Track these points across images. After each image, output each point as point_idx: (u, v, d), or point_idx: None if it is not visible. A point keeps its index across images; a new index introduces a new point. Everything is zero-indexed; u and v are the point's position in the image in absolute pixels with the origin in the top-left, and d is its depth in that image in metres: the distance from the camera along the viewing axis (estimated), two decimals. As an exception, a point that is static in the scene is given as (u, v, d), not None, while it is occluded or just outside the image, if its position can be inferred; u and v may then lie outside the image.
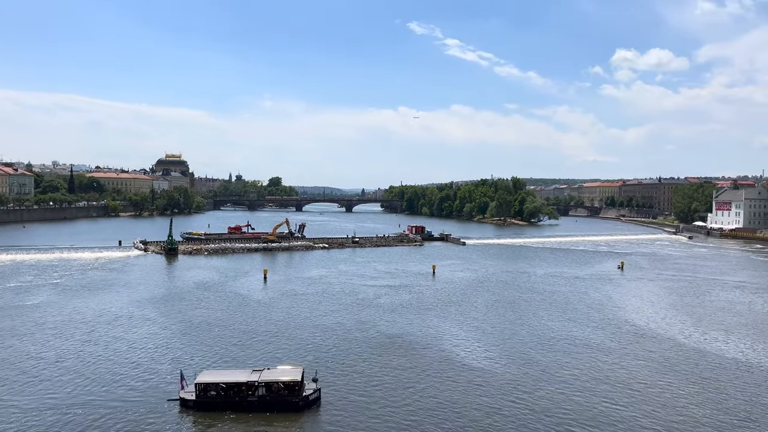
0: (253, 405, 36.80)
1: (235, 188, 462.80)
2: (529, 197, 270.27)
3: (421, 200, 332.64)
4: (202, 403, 36.83)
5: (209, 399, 37.01)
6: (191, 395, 37.21)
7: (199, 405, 36.79)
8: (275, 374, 38.38)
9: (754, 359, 49.36)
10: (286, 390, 37.26)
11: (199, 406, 36.77)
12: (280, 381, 37.52)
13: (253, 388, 37.18)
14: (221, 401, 37.02)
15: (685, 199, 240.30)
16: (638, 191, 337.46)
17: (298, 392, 37.13)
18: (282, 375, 38.27)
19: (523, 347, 51.88)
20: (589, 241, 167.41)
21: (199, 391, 37.03)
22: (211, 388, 37.21)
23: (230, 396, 37.16)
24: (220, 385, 37.39)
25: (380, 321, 61.17)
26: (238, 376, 38.43)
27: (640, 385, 42.43)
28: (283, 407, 36.74)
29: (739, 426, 35.39)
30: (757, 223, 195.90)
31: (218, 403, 36.94)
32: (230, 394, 37.24)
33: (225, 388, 37.38)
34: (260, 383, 37.23)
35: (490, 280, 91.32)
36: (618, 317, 64.97)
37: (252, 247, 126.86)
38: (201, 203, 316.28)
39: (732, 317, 66.00)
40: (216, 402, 36.99)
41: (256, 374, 38.22)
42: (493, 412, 36.84)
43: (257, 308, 66.93)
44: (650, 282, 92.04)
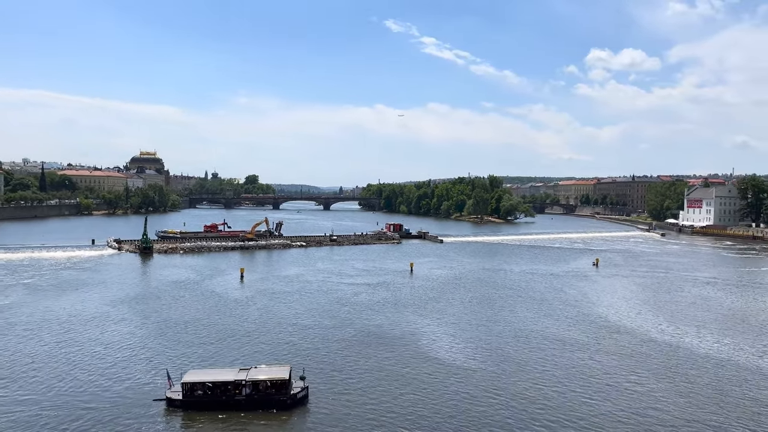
0: (241, 404, 36.68)
1: (211, 186, 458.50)
2: (506, 195, 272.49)
3: (399, 198, 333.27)
4: (189, 402, 36.58)
5: (196, 398, 36.78)
6: (178, 395, 36.97)
7: (186, 404, 36.55)
8: (262, 373, 38.28)
9: (724, 354, 50.54)
10: (273, 388, 37.22)
11: (186, 405, 36.52)
12: (267, 380, 37.46)
13: (240, 386, 37.07)
14: (208, 400, 36.83)
15: (658, 196, 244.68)
16: (612, 189, 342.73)
17: (286, 390, 37.13)
18: (269, 374, 38.19)
19: (500, 343, 52.41)
20: (564, 238, 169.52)
21: (186, 390, 36.77)
22: (198, 388, 36.98)
23: (217, 395, 36.99)
24: (207, 385, 37.19)
25: (359, 319, 61.24)
26: (225, 375, 38.23)
27: (613, 379, 43.19)
28: (271, 405, 36.70)
29: (709, 419, 36.23)
30: (727, 220, 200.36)
31: (205, 403, 36.75)
32: (217, 393, 37.07)
33: (212, 387, 37.19)
34: (247, 382, 37.13)
35: (467, 277, 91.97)
36: (592, 313, 65.97)
37: (228, 246, 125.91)
38: (176, 201, 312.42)
39: (703, 313, 67.47)
40: (203, 401, 36.79)
41: (244, 373, 38.08)
42: (472, 407, 37.17)
43: (235, 307, 66.47)
44: (624, 278, 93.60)
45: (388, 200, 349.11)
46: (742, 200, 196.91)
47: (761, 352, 50.89)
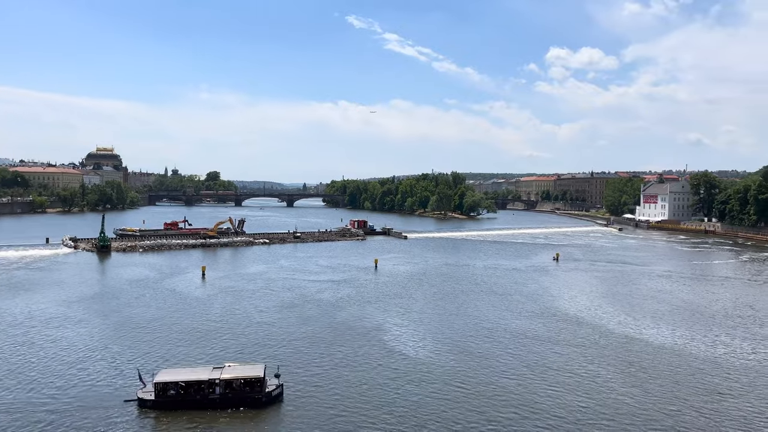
0: (215, 403, 36.32)
1: (171, 183, 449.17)
2: (469, 191, 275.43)
3: (363, 195, 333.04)
4: (161, 402, 36.02)
5: (169, 398, 36.24)
6: (150, 395, 36.34)
7: (159, 404, 35.98)
8: (236, 371, 37.96)
9: (678, 344, 52.25)
10: (247, 387, 36.99)
11: (159, 405, 35.95)
12: (241, 378, 37.16)
13: (213, 385, 36.67)
14: (182, 400, 36.32)
15: (616, 192, 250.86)
16: (572, 185, 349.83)
17: (261, 389, 36.91)
18: (243, 372, 37.91)
19: (463, 337, 53.01)
20: (526, 233, 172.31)
21: (159, 390, 36.17)
22: (171, 387, 36.44)
23: (191, 394, 36.53)
24: (180, 384, 36.68)
25: (325, 316, 61.06)
26: (198, 374, 37.73)
27: (572, 370, 44.18)
28: (245, 404, 36.47)
29: (665, 407, 37.42)
30: (680, 215, 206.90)
31: (179, 402, 36.23)
32: (191, 392, 36.61)
33: (185, 386, 36.69)
34: (221, 381, 36.75)
35: (431, 272, 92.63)
36: (553, 307, 67.29)
37: (190, 244, 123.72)
38: (135, 198, 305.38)
39: (658, 305, 69.56)
40: (176, 401, 36.27)
41: (217, 372, 37.69)
42: (437, 401, 37.55)
43: (197, 306, 65.41)
44: (583, 272, 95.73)
45: (353, 197, 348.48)
46: (695, 196, 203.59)
47: (713, 342, 52.80)
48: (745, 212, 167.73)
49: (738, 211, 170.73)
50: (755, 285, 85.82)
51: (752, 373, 44.53)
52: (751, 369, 45.44)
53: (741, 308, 68.13)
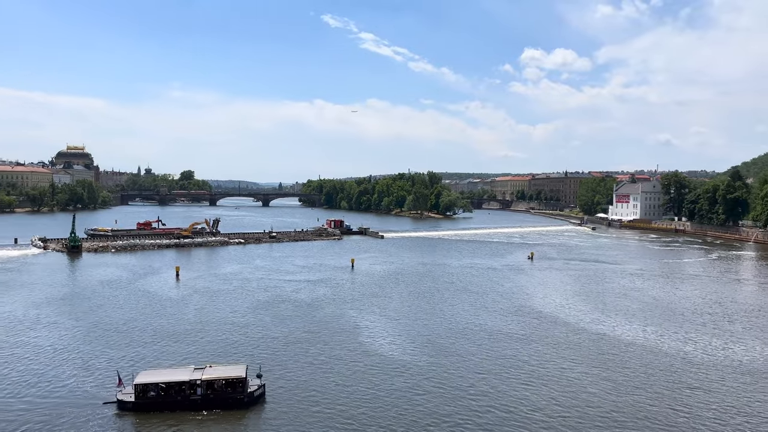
0: (197, 404, 35.94)
1: (144, 182, 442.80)
2: (445, 191, 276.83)
3: (340, 194, 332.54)
4: (141, 404, 35.51)
5: (149, 400, 35.77)
6: (130, 396, 35.81)
7: (139, 406, 35.46)
8: (218, 372, 37.61)
9: (650, 341, 53.16)
10: (229, 387, 36.69)
11: (139, 407, 35.44)
12: (222, 378, 36.85)
13: (195, 386, 36.28)
14: (162, 401, 35.85)
15: (589, 192, 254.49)
16: (546, 185, 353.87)
17: (243, 389, 36.64)
18: (225, 372, 37.58)
19: (439, 336, 53.20)
20: (501, 233, 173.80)
21: (139, 392, 35.68)
22: (151, 389, 35.96)
23: (171, 395, 36.09)
24: (161, 385, 36.21)
25: (301, 316, 60.75)
26: (179, 375, 37.27)
27: (546, 367, 44.67)
28: (227, 405, 36.20)
29: (636, 401, 38.05)
30: (652, 214, 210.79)
31: (159, 404, 35.75)
32: (171, 393, 36.16)
33: (165, 387, 36.23)
34: (203, 381, 36.37)
35: (408, 272, 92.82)
36: (528, 305, 67.95)
37: (163, 244, 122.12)
38: (107, 198, 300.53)
39: (631, 303, 70.72)
40: (157, 402, 35.79)
41: (199, 372, 37.29)
42: (415, 398, 37.63)
43: (170, 307, 64.51)
44: (558, 271, 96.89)
45: (329, 196, 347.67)
46: (666, 195, 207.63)
47: (684, 338, 53.86)
48: (714, 212, 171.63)
49: (707, 211, 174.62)
50: (724, 283, 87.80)
51: (721, 368, 45.51)
52: (720, 364, 46.44)
53: (710, 305, 69.63)
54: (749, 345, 52.16)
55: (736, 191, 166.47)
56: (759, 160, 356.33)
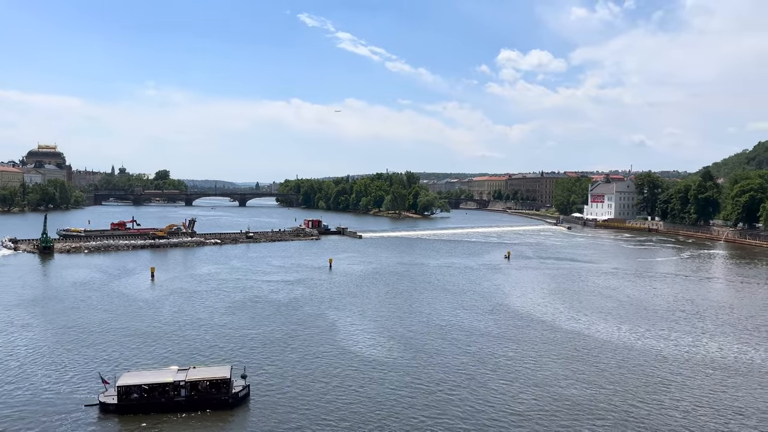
0: (181, 405, 35.64)
1: (118, 182, 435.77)
2: (423, 191, 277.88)
3: (318, 194, 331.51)
4: (124, 406, 35.11)
5: (133, 402, 35.39)
6: (112, 399, 35.36)
7: (122, 408, 35.05)
8: (202, 373, 37.39)
9: (624, 337, 54.01)
10: (213, 388, 36.48)
11: (122, 409, 35.03)
12: (206, 379, 36.64)
13: (179, 388, 36.00)
14: (146, 403, 35.48)
15: (565, 192, 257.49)
16: (523, 185, 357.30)
17: (227, 390, 36.46)
18: (209, 373, 37.40)
19: (417, 335, 53.38)
20: (479, 232, 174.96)
21: (121, 394, 35.27)
22: (134, 391, 35.60)
23: (155, 397, 35.74)
24: (144, 387, 35.85)
25: (278, 316, 60.43)
26: (162, 377, 36.92)
27: (523, 365, 45.12)
28: (212, 406, 35.96)
29: (610, 398, 38.65)
30: (626, 213, 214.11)
31: (143, 406, 35.36)
32: (155, 395, 35.81)
33: (149, 389, 35.88)
34: (186, 383, 36.09)
35: (386, 271, 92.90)
36: (504, 304, 68.50)
37: (138, 244, 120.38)
38: (80, 198, 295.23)
39: (605, 301, 71.74)
40: (140, 404, 35.41)
41: (183, 373, 37.01)
42: (394, 398, 37.74)
43: (145, 308, 63.63)
44: (534, 270, 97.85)
45: (307, 196, 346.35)
46: (639, 195, 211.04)
47: (657, 336, 54.82)
48: (686, 211, 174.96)
49: (679, 210, 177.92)
50: (695, 281, 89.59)
51: (693, 363, 46.42)
52: (692, 360, 47.38)
53: (682, 303, 70.97)
54: (720, 341, 53.31)
55: (707, 191, 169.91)
56: (729, 160, 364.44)
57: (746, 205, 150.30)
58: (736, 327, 59.08)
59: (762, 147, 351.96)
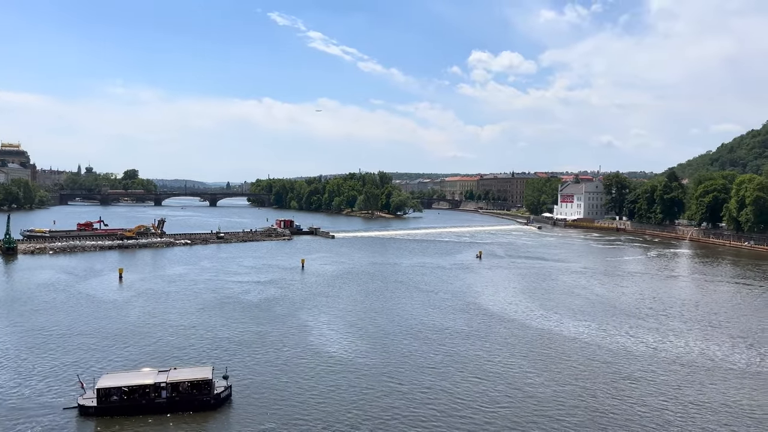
0: (162, 406, 35.29)
1: (85, 182, 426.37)
2: (396, 191, 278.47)
3: (290, 194, 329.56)
4: (104, 408, 34.61)
5: (112, 404, 34.91)
6: (92, 401, 34.81)
7: (101, 411, 34.54)
8: (183, 374, 37.11)
9: (593, 335, 54.94)
10: (194, 389, 36.20)
11: (101, 412, 34.53)
12: (188, 380, 36.35)
13: (159, 389, 35.65)
14: (126, 405, 35.03)
15: (535, 192, 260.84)
16: (494, 185, 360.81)
17: (209, 391, 36.21)
18: (191, 374, 37.15)
19: (389, 335, 53.52)
20: (451, 232, 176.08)
21: (101, 396, 34.76)
22: (114, 393, 35.16)
23: (135, 399, 35.33)
24: (123, 389, 35.42)
25: (250, 317, 59.91)
26: (143, 378, 36.52)
27: (493, 363, 45.58)
28: (193, 407, 35.71)
29: (579, 393, 39.30)
30: (595, 213, 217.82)
31: (123, 408, 34.91)
32: (135, 397, 35.41)
33: (129, 391, 35.45)
34: (167, 384, 35.75)
35: (358, 271, 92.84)
36: (475, 303, 69.08)
37: (105, 245, 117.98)
38: (45, 197, 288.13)
39: (575, 299, 72.90)
40: (120, 406, 34.95)
41: (163, 375, 36.68)
42: (368, 397, 37.79)
43: (114, 310, 62.40)
44: (505, 269, 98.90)
45: (279, 196, 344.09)
46: (608, 195, 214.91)
47: (625, 333, 55.93)
48: (652, 211, 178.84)
49: (646, 210, 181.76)
50: (661, 279, 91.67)
51: (659, 360, 47.48)
52: (658, 357, 48.45)
53: (649, 301, 72.54)
54: (685, 338, 54.63)
55: (673, 191, 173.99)
56: (693, 161, 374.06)
57: (710, 205, 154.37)
58: (700, 324, 60.63)
59: (725, 148, 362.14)
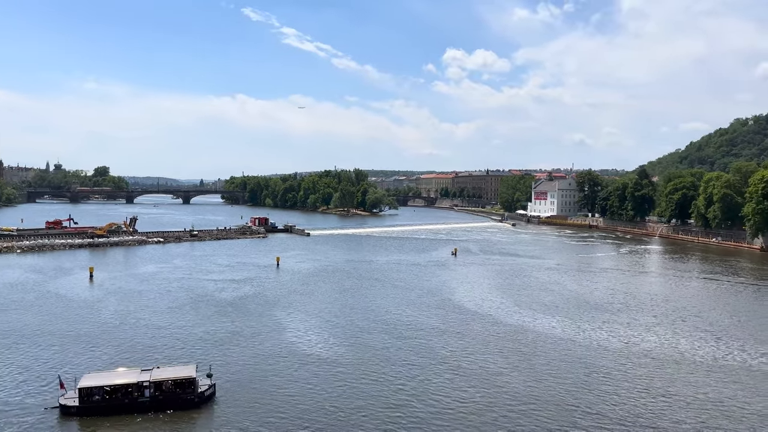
0: (145, 406, 35.09)
1: (54, 179, 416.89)
2: (371, 188, 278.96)
3: (265, 191, 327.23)
4: (86, 408, 34.22)
5: (94, 404, 34.56)
6: (73, 401, 34.43)
7: (84, 410, 34.15)
8: (166, 373, 36.98)
9: (566, 331, 55.69)
10: (178, 388, 36.03)
11: (83, 411, 34.13)
12: (171, 379, 36.19)
13: (142, 388, 35.44)
14: (108, 405, 34.69)
15: (509, 189, 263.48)
16: (469, 182, 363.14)
17: (192, 389, 36.07)
18: (174, 373, 36.99)
19: (365, 332, 53.55)
20: (427, 229, 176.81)
21: (83, 396, 34.38)
22: (96, 392, 34.82)
23: (118, 398, 35.05)
24: (106, 389, 35.09)
25: (224, 316, 59.35)
26: (125, 377, 36.24)
27: (468, 359, 45.92)
28: (177, 405, 35.52)
29: (553, 386, 39.84)
30: (568, 210, 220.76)
31: (105, 408, 34.55)
32: (118, 396, 35.13)
33: (111, 390, 35.14)
34: (151, 383, 35.55)
35: (334, 269, 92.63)
36: (451, 299, 69.49)
37: (75, 243, 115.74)
38: (12, 195, 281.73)
39: (548, 295, 73.80)
40: (102, 406, 34.59)
41: (146, 374, 36.48)
42: (346, 394, 37.80)
43: (85, 309, 61.26)
44: (480, 266, 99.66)
45: (253, 193, 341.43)
46: (580, 192, 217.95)
47: (598, 328, 56.82)
48: (624, 208, 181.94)
49: (617, 207, 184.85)
50: (632, 275, 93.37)
51: (631, 354, 48.35)
52: (630, 351, 49.31)
53: (621, 296, 73.80)
54: (656, 332, 55.71)
55: (643, 189, 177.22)
56: (663, 159, 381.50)
57: (679, 202, 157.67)
58: (670, 318, 61.92)
59: (693, 147, 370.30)
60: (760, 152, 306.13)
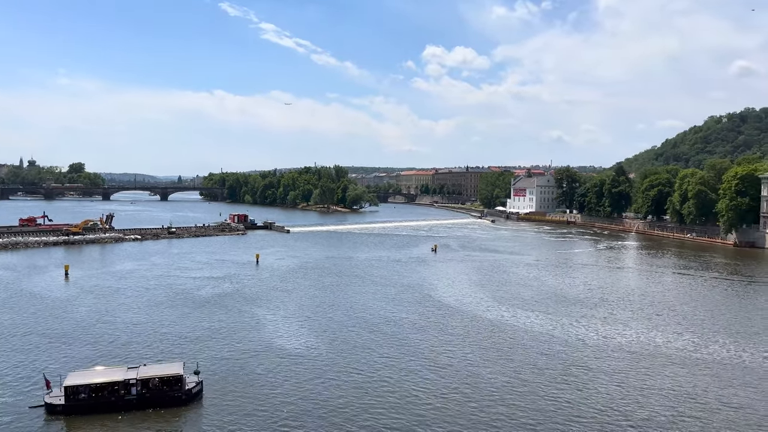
0: (132, 403, 34.84)
1: (27, 175, 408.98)
2: (351, 185, 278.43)
3: (244, 188, 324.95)
4: (72, 406, 33.82)
5: (81, 402, 34.17)
6: (59, 399, 34.01)
7: (70, 409, 33.76)
8: (153, 370, 36.75)
9: (545, 326, 56.25)
10: (165, 385, 35.76)
11: (69, 410, 33.73)
12: (158, 376, 35.93)
13: (129, 386, 35.16)
14: (95, 403, 34.33)
15: (489, 186, 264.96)
16: (449, 179, 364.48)
17: (180, 386, 35.85)
18: (161, 370, 36.78)
19: (345, 328, 53.56)
20: (407, 226, 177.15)
21: (69, 394, 33.98)
22: (82, 390, 34.42)
23: (104, 397, 34.74)
24: (92, 386, 34.71)
25: (203, 313, 58.86)
26: (111, 375, 35.94)
27: (447, 355, 46.16)
28: (164, 403, 35.28)
29: (531, 380, 40.23)
30: (546, 207, 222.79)
31: (91, 406, 34.17)
32: (104, 394, 34.81)
33: (97, 388, 34.77)
34: (137, 381, 35.28)
35: (314, 266, 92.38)
36: (430, 296, 69.76)
37: (50, 241, 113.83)
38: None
39: (527, 291, 74.46)
40: (89, 405, 34.20)
41: (133, 372, 36.17)
42: (325, 390, 37.73)
43: (60, 308, 60.27)
44: (459, 262, 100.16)
45: (232, 190, 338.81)
46: (559, 189, 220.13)
47: (576, 323, 57.48)
48: (601, 204, 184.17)
49: (595, 204, 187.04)
50: (610, 270, 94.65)
51: (608, 348, 49.01)
52: (606, 344, 49.99)
53: (598, 291, 74.75)
54: (633, 326, 56.52)
55: (620, 185, 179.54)
56: (640, 156, 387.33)
57: (655, 198, 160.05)
58: (646, 312, 62.88)
59: (669, 143, 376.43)
60: (734, 149, 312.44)
